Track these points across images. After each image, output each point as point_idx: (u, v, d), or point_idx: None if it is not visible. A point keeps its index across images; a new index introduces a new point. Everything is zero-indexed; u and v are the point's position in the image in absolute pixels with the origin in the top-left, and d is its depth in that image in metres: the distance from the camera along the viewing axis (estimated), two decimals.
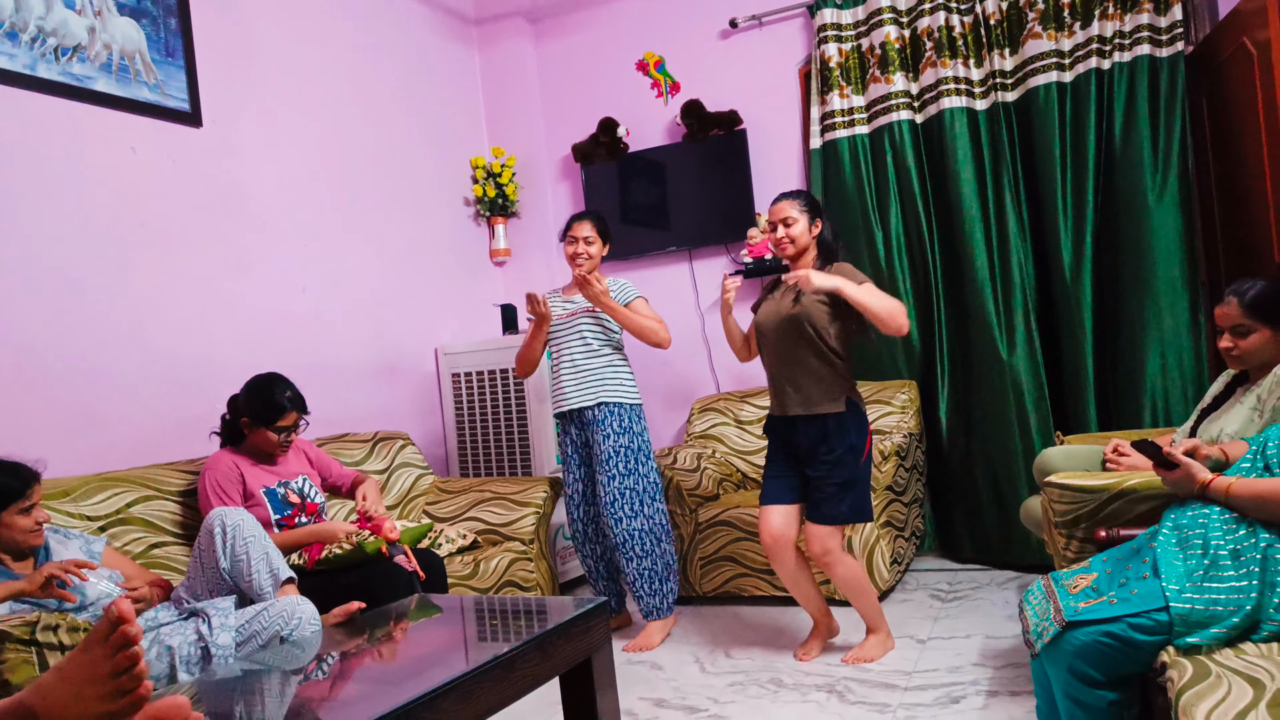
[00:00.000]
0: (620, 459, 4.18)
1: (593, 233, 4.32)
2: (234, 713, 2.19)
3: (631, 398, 4.31)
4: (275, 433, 3.55)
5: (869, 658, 3.71)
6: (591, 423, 4.24)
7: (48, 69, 3.61)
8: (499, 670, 2.25)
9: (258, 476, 3.56)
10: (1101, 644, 2.11)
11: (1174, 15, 4.54)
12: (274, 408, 3.52)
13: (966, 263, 4.96)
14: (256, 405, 3.54)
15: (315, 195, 4.83)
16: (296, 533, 3.48)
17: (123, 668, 1.42)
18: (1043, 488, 2.83)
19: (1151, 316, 4.60)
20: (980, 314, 4.92)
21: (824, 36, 5.28)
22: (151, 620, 2.83)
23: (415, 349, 5.49)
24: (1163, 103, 4.57)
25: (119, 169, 3.88)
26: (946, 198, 5.04)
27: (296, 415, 3.59)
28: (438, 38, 5.94)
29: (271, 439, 3.56)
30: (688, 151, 5.79)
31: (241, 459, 3.57)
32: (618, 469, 4.17)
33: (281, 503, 3.57)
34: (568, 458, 4.40)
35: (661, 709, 3.45)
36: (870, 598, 3.76)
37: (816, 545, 3.67)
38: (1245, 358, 2.84)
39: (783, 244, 3.78)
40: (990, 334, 4.89)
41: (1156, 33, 4.58)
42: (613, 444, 4.19)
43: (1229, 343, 2.85)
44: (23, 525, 2.74)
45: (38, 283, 3.55)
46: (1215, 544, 2.16)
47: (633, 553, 4.17)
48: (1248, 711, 1.73)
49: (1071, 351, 4.83)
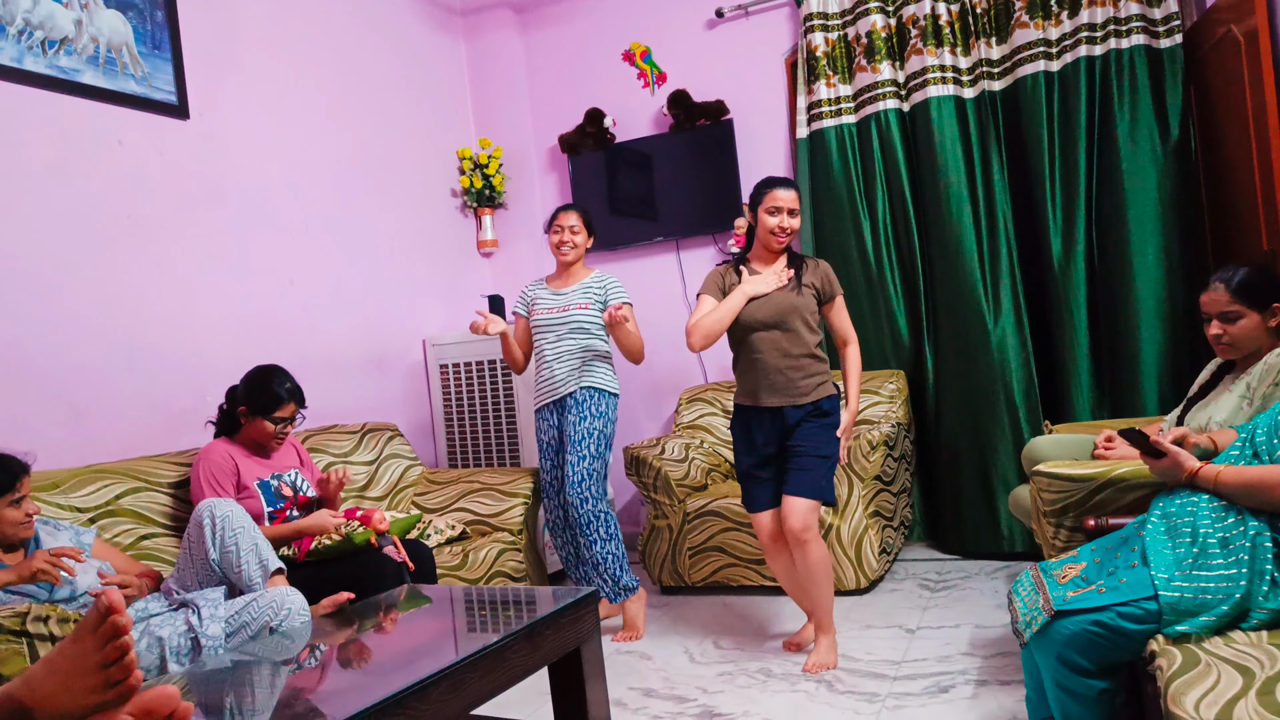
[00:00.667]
0: (593, 440, 4.18)
1: (579, 223, 4.35)
2: (224, 703, 2.18)
3: (613, 387, 4.33)
4: (272, 423, 3.55)
5: (828, 664, 3.59)
6: (570, 406, 4.24)
7: (35, 62, 3.59)
8: (489, 660, 2.25)
9: (251, 468, 3.56)
10: (1090, 633, 2.12)
11: (1169, 7, 4.55)
12: (272, 398, 3.53)
13: (953, 252, 4.95)
14: (255, 395, 3.55)
15: (302, 187, 4.81)
16: (287, 526, 3.47)
17: (112, 658, 1.41)
18: (1031, 476, 2.84)
19: (1143, 304, 4.61)
20: (967, 303, 4.92)
21: (810, 25, 5.28)
22: (141, 611, 2.83)
23: (403, 340, 5.48)
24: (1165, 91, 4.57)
25: (106, 161, 3.86)
26: (933, 187, 5.03)
27: (294, 407, 3.61)
28: (424, 29, 5.92)
29: (268, 430, 3.56)
30: (674, 142, 5.78)
31: (236, 449, 3.58)
32: (589, 450, 4.17)
33: (275, 495, 3.56)
34: (540, 446, 4.39)
35: (650, 699, 3.46)
36: (831, 589, 3.66)
37: (798, 520, 3.53)
38: (1235, 344, 2.84)
39: (780, 234, 3.63)
40: (978, 322, 4.89)
41: (1152, 24, 4.58)
42: (588, 425, 4.19)
43: (1218, 329, 2.85)
44: (12, 517, 2.74)
45: (25, 275, 3.53)
46: (1204, 532, 2.16)
47: (598, 534, 4.14)
48: (1237, 700, 1.73)
49: (1063, 340, 4.83)
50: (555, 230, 4.34)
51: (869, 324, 5.21)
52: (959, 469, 5.01)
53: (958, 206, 4.94)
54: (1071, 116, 4.74)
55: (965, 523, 4.99)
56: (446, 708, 2.08)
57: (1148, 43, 4.59)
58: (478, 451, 5.47)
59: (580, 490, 4.13)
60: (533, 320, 4.38)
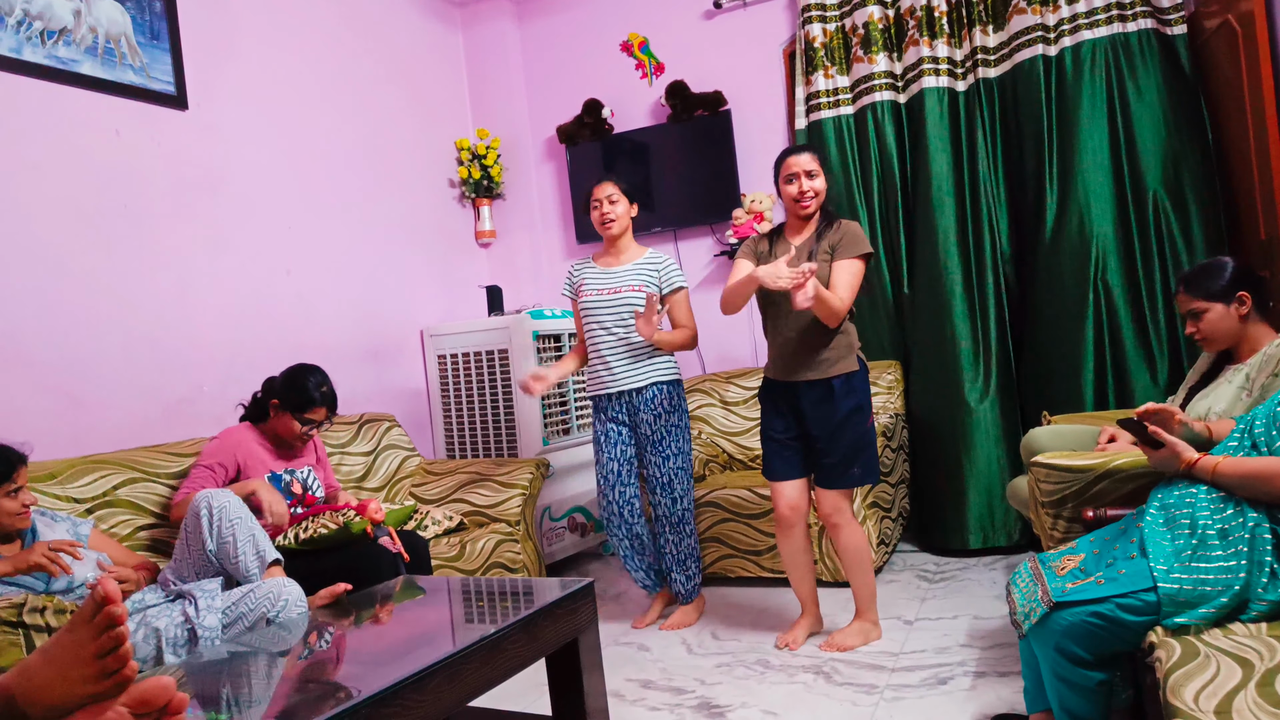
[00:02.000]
0: (673, 438, 4.06)
1: (616, 191, 4.08)
2: (220, 694, 2.18)
3: (675, 374, 4.14)
4: (300, 423, 3.57)
5: (846, 645, 3.63)
6: (641, 404, 4.06)
7: (33, 52, 3.59)
8: (486, 651, 2.24)
9: (265, 460, 3.58)
10: (1089, 624, 2.11)
11: None
12: (306, 398, 3.56)
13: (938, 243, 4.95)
14: (290, 391, 3.57)
15: (300, 177, 4.80)
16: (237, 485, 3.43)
17: (108, 649, 1.41)
18: (1029, 468, 2.84)
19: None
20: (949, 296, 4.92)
21: (808, 16, 5.27)
22: (138, 602, 2.82)
23: (401, 330, 5.47)
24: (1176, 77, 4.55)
25: (103, 151, 3.86)
26: (925, 179, 5.02)
27: (325, 411, 3.62)
28: (422, 19, 5.90)
29: (295, 428, 3.59)
30: (672, 132, 5.77)
31: (257, 437, 3.61)
32: (671, 449, 4.06)
33: (284, 490, 3.58)
34: (608, 436, 4.13)
35: (648, 690, 3.45)
36: (869, 575, 3.68)
37: (827, 504, 3.60)
38: (1208, 338, 2.88)
39: (805, 197, 3.56)
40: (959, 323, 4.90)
41: (1160, 10, 4.56)
42: (664, 423, 4.04)
43: (1191, 328, 2.92)
44: (9, 508, 2.74)
45: (22, 265, 3.52)
46: (1203, 523, 2.16)
47: (683, 531, 4.10)
48: (1236, 692, 1.73)
49: (1061, 329, 4.78)
50: (594, 205, 4.09)
51: (865, 314, 5.21)
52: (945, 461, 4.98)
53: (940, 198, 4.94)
54: (1069, 100, 4.71)
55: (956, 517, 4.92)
56: (444, 699, 2.08)
57: (1156, 28, 4.57)
58: (475, 442, 5.47)
59: (671, 490, 4.06)
60: (583, 302, 4.12)
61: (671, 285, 4.10)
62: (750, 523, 4.52)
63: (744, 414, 5.33)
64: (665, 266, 4.12)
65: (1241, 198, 4.09)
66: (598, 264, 4.19)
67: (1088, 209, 4.65)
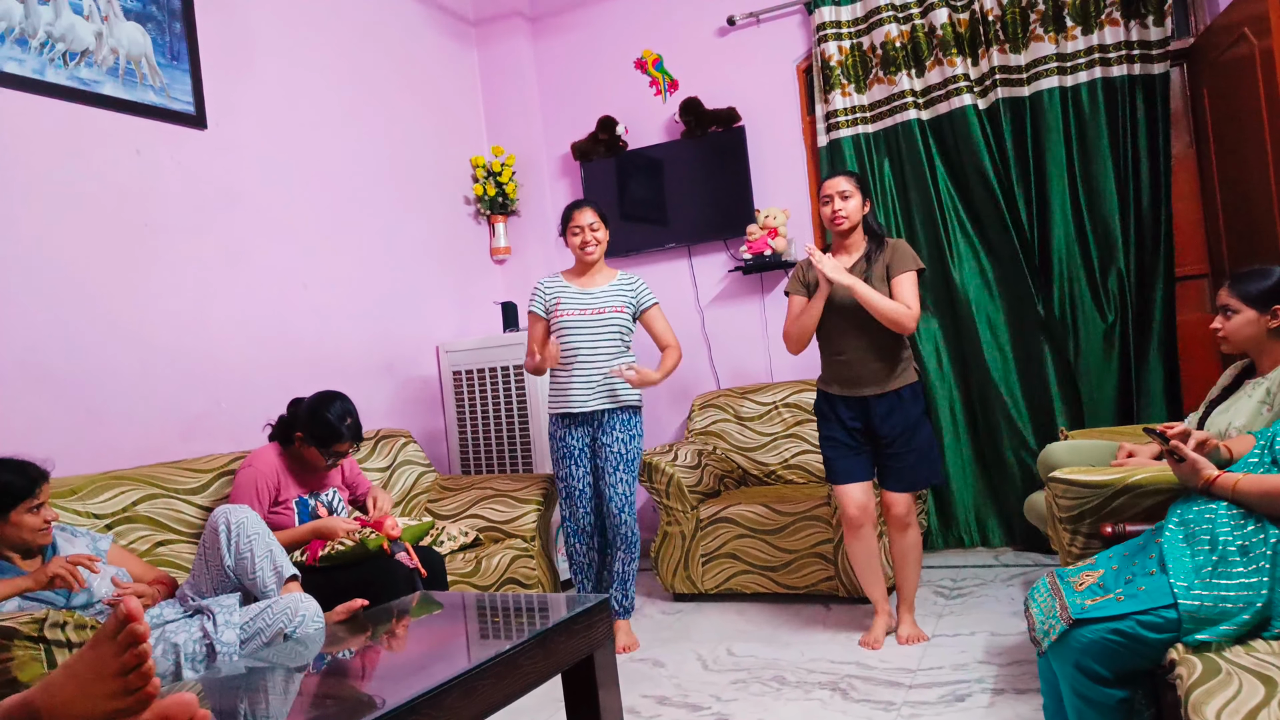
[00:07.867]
0: (624, 461, 4.15)
1: (597, 219, 4.19)
2: (239, 710, 2.18)
3: (637, 399, 4.26)
4: (325, 456, 3.58)
5: (920, 637, 3.84)
6: (602, 425, 4.17)
7: (56, 73, 3.62)
8: (501, 667, 2.24)
9: (292, 484, 3.61)
10: (1109, 641, 2.11)
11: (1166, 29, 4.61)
12: (332, 433, 3.55)
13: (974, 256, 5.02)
14: (315, 425, 3.56)
15: (317, 194, 4.82)
16: (297, 530, 3.49)
17: (131, 665, 1.42)
18: (1047, 483, 2.83)
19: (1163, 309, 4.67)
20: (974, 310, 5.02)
21: (823, 35, 5.26)
22: (157, 618, 2.84)
23: (416, 346, 5.48)
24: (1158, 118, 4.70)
25: (124, 170, 3.88)
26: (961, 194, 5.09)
27: (350, 445, 3.62)
28: (437, 38, 5.93)
29: (321, 460, 3.61)
30: (686, 149, 5.78)
31: (284, 461, 3.63)
32: (621, 472, 4.15)
33: (310, 514, 3.60)
34: (570, 454, 4.20)
35: (664, 706, 3.45)
36: (919, 571, 3.92)
37: (902, 507, 3.79)
38: (1227, 338, 2.90)
39: (838, 217, 3.75)
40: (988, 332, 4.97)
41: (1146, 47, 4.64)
42: (621, 447, 4.15)
43: (1217, 323, 2.92)
44: (31, 524, 2.75)
45: (44, 283, 3.54)
46: (1223, 540, 2.15)
47: (632, 553, 4.20)
48: (1259, 710, 1.72)
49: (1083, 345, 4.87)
50: (574, 231, 4.18)
51: None
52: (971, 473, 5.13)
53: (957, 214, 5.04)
54: (1087, 132, 4.79)
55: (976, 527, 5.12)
56: (460, 714, 2.08)
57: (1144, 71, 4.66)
58: (490, 457, 5.47)
59: (621, 511, 4.15)
60: (559, 320, 4.18)
61: (647, 304, 4.28)
62: (765, 539, 4.51)
63: (759, 429, 5.32)
64: (639, 288, 4.30)
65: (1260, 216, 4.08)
66: (573, 284, 4.28)
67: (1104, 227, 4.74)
